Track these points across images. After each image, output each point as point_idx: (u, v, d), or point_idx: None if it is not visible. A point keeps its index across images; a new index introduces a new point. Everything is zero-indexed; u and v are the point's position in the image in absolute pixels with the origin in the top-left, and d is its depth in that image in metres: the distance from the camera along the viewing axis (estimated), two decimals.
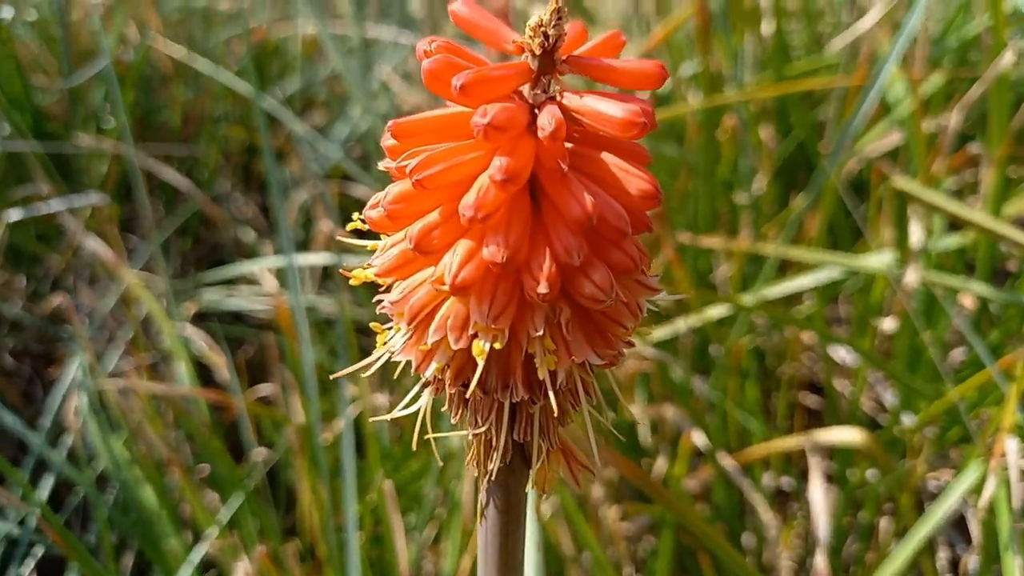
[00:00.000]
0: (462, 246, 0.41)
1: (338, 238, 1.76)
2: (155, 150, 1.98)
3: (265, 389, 1.60)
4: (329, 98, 2.33)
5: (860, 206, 1.58)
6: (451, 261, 0.41)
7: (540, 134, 0.40)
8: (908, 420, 1.37)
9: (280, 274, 1.70)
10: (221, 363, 1.55)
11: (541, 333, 0.41)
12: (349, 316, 1.55)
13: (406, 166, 0.42)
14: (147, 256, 1.82)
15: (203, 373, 1.59)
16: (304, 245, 1.96)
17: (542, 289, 0.39)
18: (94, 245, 1.64)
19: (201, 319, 1.74)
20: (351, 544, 1.15)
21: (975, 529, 1.27)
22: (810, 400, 1.65)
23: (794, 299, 1.63)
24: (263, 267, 1.57)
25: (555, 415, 0.41)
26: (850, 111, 1.45)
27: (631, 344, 0.45)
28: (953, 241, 1.30)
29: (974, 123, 1.60)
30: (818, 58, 1.73)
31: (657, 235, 1.39)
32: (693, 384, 1.41)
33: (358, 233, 0.49)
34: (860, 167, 1.64)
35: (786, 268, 1.57)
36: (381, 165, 0.47)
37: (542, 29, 0.41)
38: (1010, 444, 1.04)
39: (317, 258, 1.49)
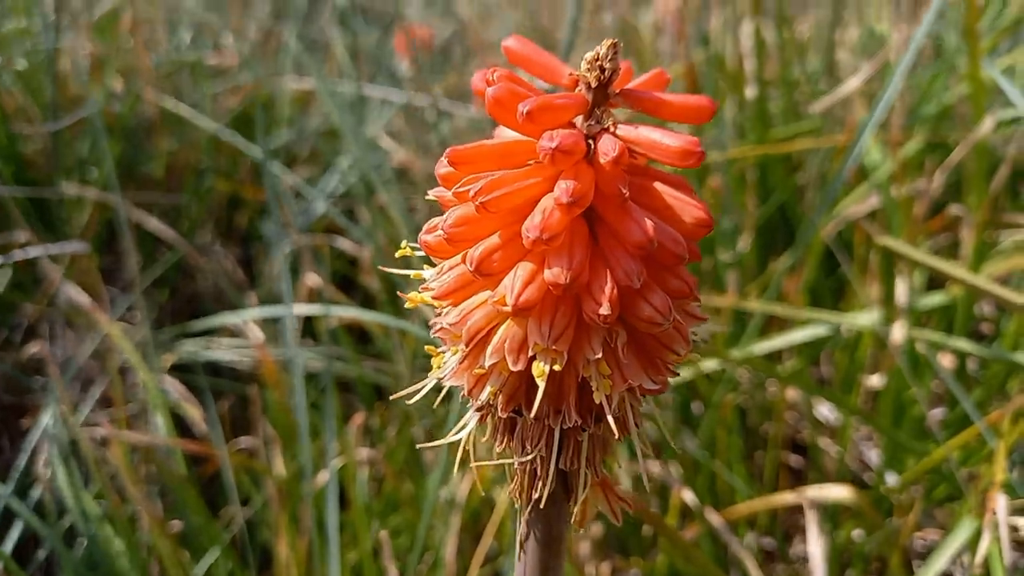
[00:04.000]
0: (523, 268, 0.42)
1: (322, 290, 1.74)
2: (137, 199, 1.97)
3: (244, 442, 1.57)
4: (312, 154, 2.35)
5: (842, 266, 1.61)
6: (512, 283, 0.41)
7: (603, 159, 0.41)
8: (892, 479, 1.38)
9: (263, 326, 1.68)
10: (199, 416, 1.52)
11: (599, 356, 0.41)
12: (334, 369, 1.53)
13: (467, 191, 0.42)
14: (125, 307, 1.79)
15: (180, 426, 1.55)
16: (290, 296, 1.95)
17: (604, 311, 0.40)
18: (72, 293, 1.61)
19: (179, 371, 1.71)
20: None
21: None
22: (793, 460, 1.65)
23: (775, 360, 1.65)
24: (248, 318, 1.55)
25: (602, 443, 0.41)
26: (832, 172, 1.49)
27: (676, 373, 0.45)
28: (936, 300, 1.33)
29: (947, 188, 1.65)
30: (796, 125, 1.79)
31: None
32: (680, 440, 1.41)
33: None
34: (839, 228, 1.69)
35: (767, 329, 1.59)
36: (431, 194, 0.47)
37: (599, 63, 0.43)
38: (1000, 501, 1.05)
39: (308, 308, 1.48)
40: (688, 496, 1.31)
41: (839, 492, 1.24)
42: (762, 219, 1.73)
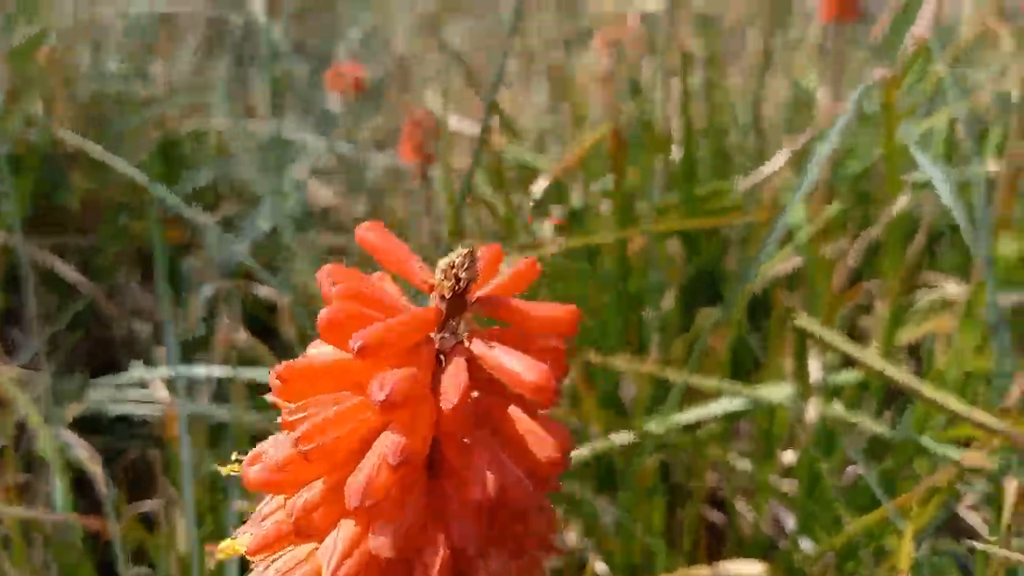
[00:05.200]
0: (344, 532, 0.37)
1: (239, 342, 1.68)
2: (50, 236, 1.89)
3: (147, 505, 1.50)
4: (243, 190, 2.27)
5: (761, 330, 1.62)
6: (330, 554, 0.37)
7: (443, 406, 0.37)
8: (806, 545, 1.38)
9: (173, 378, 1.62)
10: (100, 475, 1.45)
11: None
12: (242, 425, 1.48)
13: (294, 421, 0.38)
14: (30, 354, 1.70)
15: (82, 483, 1.48)
16: (205, 341, 1.88)
17: None
18: None
19: (85, 423, 1.63)
20: None
21: None
22: (715, 516, 1.65)
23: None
24: (154, 376, 1.49)
25: None
26: (757, 240, 1.50)
27: None
28: (850, 376, 1.35)
29: (868, 251, 1.68)
30: (722, 183, 1.80)
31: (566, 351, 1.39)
32: (599, 507, 1.40)
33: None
34: (763, 287, 1.70)
35: (692, 389, 1.59)
36: (269, 398, 0.42)
37: (454, 271, 0.39)
38: None
39: (210, 370, 1.43)
40: (601, 567, 1.29)
41: (750, 568, 1.24)
42: (686, 276, 1.73)
